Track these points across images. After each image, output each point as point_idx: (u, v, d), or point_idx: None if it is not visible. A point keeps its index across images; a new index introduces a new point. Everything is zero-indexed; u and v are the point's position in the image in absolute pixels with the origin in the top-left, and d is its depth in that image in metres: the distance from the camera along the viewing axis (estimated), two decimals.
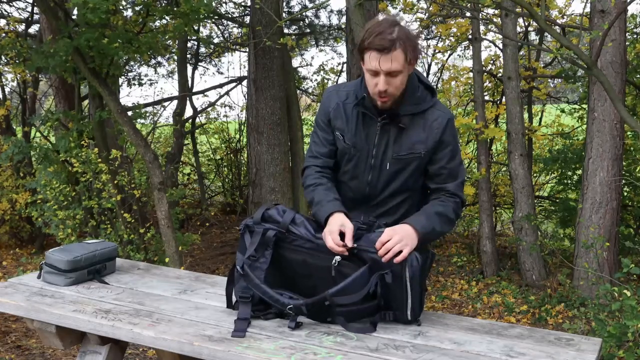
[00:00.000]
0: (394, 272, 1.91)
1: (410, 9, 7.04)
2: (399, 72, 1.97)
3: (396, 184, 2.16)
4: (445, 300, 5.68)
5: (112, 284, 2.41)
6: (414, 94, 2.09)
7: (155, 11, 5.54)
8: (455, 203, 2.12)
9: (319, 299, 1.92)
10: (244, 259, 2.03)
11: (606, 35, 3.86)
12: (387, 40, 1.92)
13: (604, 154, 5.28)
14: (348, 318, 1.95)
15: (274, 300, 1.97)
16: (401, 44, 1.93)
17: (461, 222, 8.58)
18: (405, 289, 1.93)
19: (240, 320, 1.96)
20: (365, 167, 2.17)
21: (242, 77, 9.61)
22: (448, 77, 8.49)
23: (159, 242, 5.58)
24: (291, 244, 2.04)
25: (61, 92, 7.29)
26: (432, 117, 2.10)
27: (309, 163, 2.27)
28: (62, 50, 5.07)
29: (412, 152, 2.10)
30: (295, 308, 1.95)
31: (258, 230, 2.06)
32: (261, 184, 7.01)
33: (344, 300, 1.91)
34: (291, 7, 10.48)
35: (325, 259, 1.97)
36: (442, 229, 2.08)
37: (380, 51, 1.93)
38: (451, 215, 2.10)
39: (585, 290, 5.28)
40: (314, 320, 1.99)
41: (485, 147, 6.68)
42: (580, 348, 1.81)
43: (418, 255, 1.95)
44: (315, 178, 2.21)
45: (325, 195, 2.13)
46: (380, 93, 2.02)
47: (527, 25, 7.78)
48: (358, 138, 2.16)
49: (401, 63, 1.96)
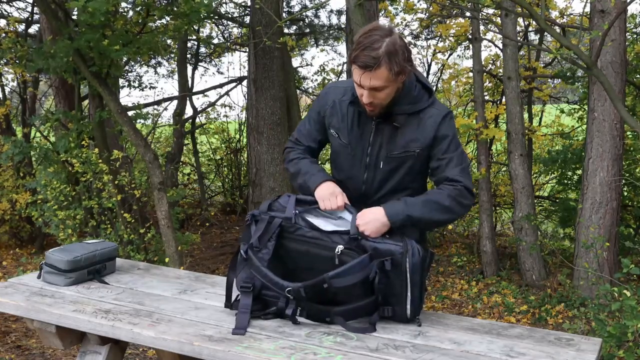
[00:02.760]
0: (394, 260, 1.92)
1: (410, 9, 7.04)
2: (383, 87, 1.96)
3: (391, 182, 2.16)
4: (445, 300, 5.68)
5: (112, 284, 2.41)
6: (409, 94, 2.08)
7: (155, 11, 5.53)
8: (453, 189, 2.04)
9: (318, 282, 1.91)
10: (247, 244, 2.04)
11: (606, 35, 3.86)
12: (371, 57, 1.89)
13: (604, 154, 5.28)
14: (347, 317, 1.95)
15: (274, 283, 1.97)
16: (386, 60, 1.89)
17: (461, 222, 8.58)
18: (405, 281, 1.93)
19: (241, 314, 1.96)
20: (360, 166, 2.18)
21: (242, 77, 9.61)
22: (448, 77, 8.49)
23: (159, 242, 5.58)
24: (294, 234, 2.04)
25: (61, 92, 7.29)
26: (427, 116, 2.09)
27: (291, 146, 2.33)
28: (62, 52, 5.07)
29: (406, 151, 2.10)
30: (293, 291, 1.94)
31: (264, 217, 2.07)
32: (261, 184, 7.01)
33: (342, 282, 1.90)
34: (291, 7, 10.48)
35: (328, 248, 1.98)
36: (423, 216, 2.01)
37: (363, 68, 1.92)
38: (445, 202, 2.02)
39: (585, 290, 5.28)
40: (312, 320, 1.99)
41: (485, 147, 6.68)
42: (580, 348, 1.81)
43: (419, 247, 1.96)
44: (299, 153, 2.28)
45: (311, 167, 2.20)
46: (365, 104, 2.04)
47: (527, 25, 7.79)
48: (353, 137, 2.17)
49: (384, 79, 1.93)
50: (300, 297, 1.94)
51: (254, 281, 2.01)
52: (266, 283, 1.99)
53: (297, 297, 1.95)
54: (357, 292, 1.94)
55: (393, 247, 1.94)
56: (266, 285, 2.00)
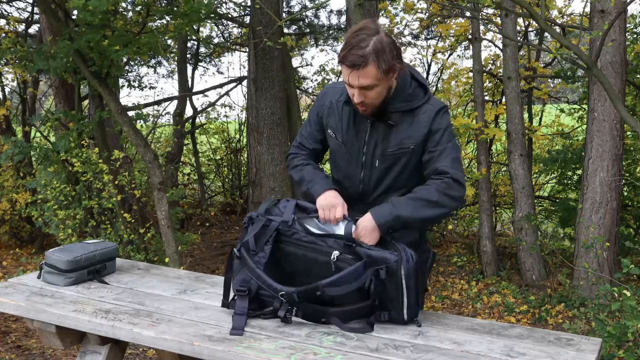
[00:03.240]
0: (388, 268, 1.92)
1: (410, 9, 7.03)
2: (373, 85, 1.96)
3: (388, 180, 2.15)
4: (445, 300, 5.68)
5: (112, 284, 2.41)
6: (403, 92, 2.08)
7: (155, 12, 5.53)
8: (441, 182, 2.00)
9: (311, 288, 1.92)
10: (240, 243, 2.05)
11: (606, 35, 3.86)
12: (358, 56, 1.89)
13: (604, 154, 5.28)
14: (343, 318, 1.95)
15: (267, 285, 1.97)
16: (374, 58, 1.89)
17: (461, 222, 8.58)
18: (400, 287, 1.93)
19: (238, 316, 1.97)
20: (357, 165, 2.18)
21: (242, 77, 9.60)
22: (448, 77, 8.49)
23: (159, 242, 5.58)
24: (291, 237, 2.04)
25: (61, 92, 7.29)
26: (421, 112, 2.09)
27: (295, 151, 2.34)
28: (62, 52, 5.07)
29: (400, 148, 2.10)
30: (287, 295, 1.94)
31: (261, 219, 2.07)
32: (261, 184, 7.01)
33: (336, 291, 1.90)
34: (291, 7, 10.48)
35: (324, 253, 1.99)
36: (414, 213, 1.98)
37: (351, 67, 1.92)
38: (433, 197, 1.98)
39: (585, 290, 5.28)
40: (308, 320, 1.99)
41: (485, 147, 6.68)
42: (580, 348, 1.81)
43: (413, 254, 1.95)
44: (302, 159, 2.28)
45: (315, 175, 2.20)
46: (356, 104, 2.04)
47: (527, 25, 7.78)
48: (349, 136, 2.17)
49: (373, 77, 1.93)
50: (294, 301, 1.95)
51: (250, 284, 2.01)
52: (260, 284, 1.99)
53: (291, 301, 1.96)
54: (354, 296, 1.94)
55: (387, 255, 1.93)
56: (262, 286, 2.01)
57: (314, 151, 2.31)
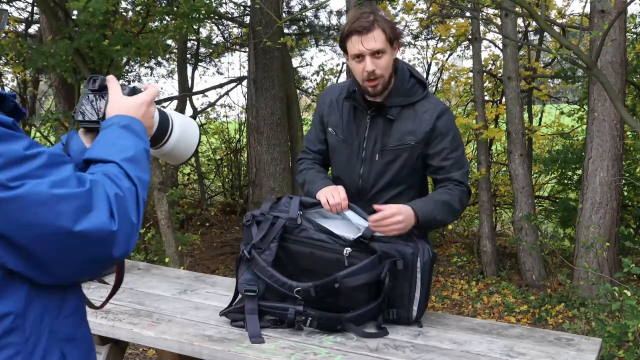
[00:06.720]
0: (405, 259, 1.92)
1: (410, 9, 7.04)
2: (383, 51, 2.02)
3: (388, 176, 2.15)
4: (445, 300, 5.68)
5: (112, 283, 2.41)
6: (402, 86, 2.11)
7: (155, 12, 5.53)
8: (462, 192, 2.10)
9: (328, 281, 1.87)
10: (250, 244, 2.00)
11: (606, 35, 3.86)
12: (366, 21, 2.01)
13: (604, 154, 5.28)
14: (357, 323, 1.93)
15: (281, 283, 1.91)
16: (379, 24, 2.01)
17: (461, 222, 8.58)
18: (414, 281, 1.93)
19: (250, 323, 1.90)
20: (357, 160, 2.19)
21: (242, 77, 9.60)
22: (447, 78, 8.49)
23: (159, 242, 5.58)
24: (298, 235, 2.00)
25: (61, 92, 7.28)
26: (422, 109, 2.11)
27: (302, 156, 2.39)
28: (62, 51, 5.07)
29: (401, 143, 2.11)
30: (303, 291, 1.88)
31: (268, 217, 2.03)
32: (261, 184, 7.01)
33: (354, 281, 1.87)
34: (291, 7, 10.48)
35: (333, 250, 1.95)
36: (443, 218, 2.07)
37: (360, 32, 2.01)
38: (456, 205, 2.08)
39: (585, 290, 5.27)
40: (323, 330, 1.92)
41: (485, 147, 6.68)
42: (580, 348, 1.81)
43: (429, 247, 1.96)
44: (308, 164, 2.33)
45: (316, 176, 2.24)
46: (369, 75, 2.03)
47: (527, 25, 7.78)
48: (349, 131, 2.18)
49: (382, 41, 2.01)
50: (310, 297, 1.88)
51: (257, 284, 1.96)
52: (272, 284, 1.92)
53: (307, 297, 1.88)
54: (362, 296, 1.93)
55: (404, 248, 1.93)
56: (270, 287, 1.94)
57: (319, 152, 2.33)
